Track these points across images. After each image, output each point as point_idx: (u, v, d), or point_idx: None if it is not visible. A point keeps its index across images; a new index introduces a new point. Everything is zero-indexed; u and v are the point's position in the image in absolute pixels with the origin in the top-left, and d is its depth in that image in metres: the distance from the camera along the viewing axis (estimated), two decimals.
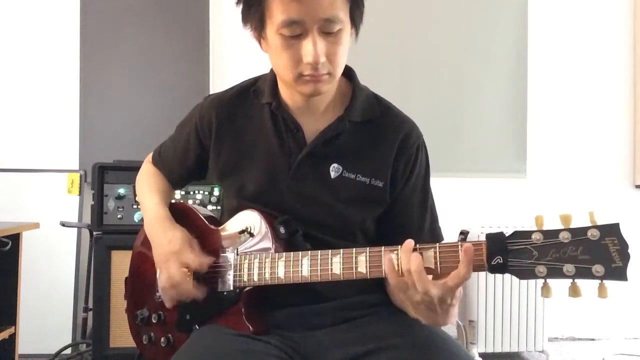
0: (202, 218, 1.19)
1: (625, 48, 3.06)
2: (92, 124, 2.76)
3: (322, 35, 0.97)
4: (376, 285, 1.13)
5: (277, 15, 0.96)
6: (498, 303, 2.52)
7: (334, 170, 1.09)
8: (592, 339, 2.99)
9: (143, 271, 1.21)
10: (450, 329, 2.64)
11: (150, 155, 1.34)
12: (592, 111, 3.04)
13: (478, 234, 2.48)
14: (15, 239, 2.12)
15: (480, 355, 2.51)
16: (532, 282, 2.50)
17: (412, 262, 0.86)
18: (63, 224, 2.40)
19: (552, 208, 2.96)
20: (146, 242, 1.19)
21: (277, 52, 1.01)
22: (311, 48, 0.97)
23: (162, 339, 1.14)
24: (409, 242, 0.89)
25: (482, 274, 2.51)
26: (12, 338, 2.13)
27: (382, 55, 2.87)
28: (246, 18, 1.04)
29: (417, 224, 1.14)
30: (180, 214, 1.20)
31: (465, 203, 2.87)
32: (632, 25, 3.06)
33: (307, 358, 1.03)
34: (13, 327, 2.13)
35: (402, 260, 0.88)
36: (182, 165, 1.24)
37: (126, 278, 1.26)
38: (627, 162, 3.06)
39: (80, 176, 2.74)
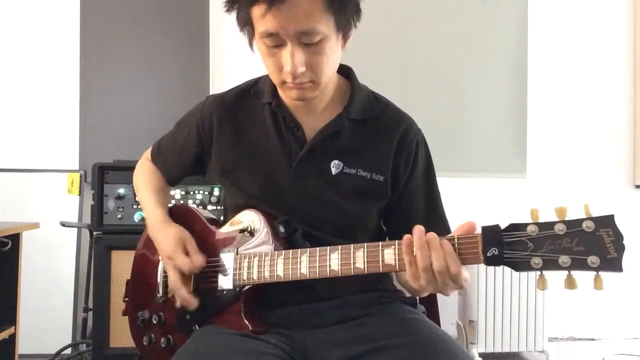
0: (203, 219, 1.20)
1: (625, 48, 3.06)
2: (92, 124, 2.76)
3: (301, 45, 0.97)
4: (376, 284, 1.14)
5: (257, 26, 0.98)
6: (498, 303, 2.52)
7: (335, 166, 1.10)
8: (592, 339, 2.99)
9: (145, 273, 1.22)
10: (450, 329, 2.65)
11: (148, 151, 1.35)
12: (592, 111, 3.04)
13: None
14: (15, 239, 2.11)
15: (480, 355, 2.51)
16: (531, 281, 2.51)
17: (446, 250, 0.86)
18: (63, 224, 2.40)
19: (552, 208, 2.99)
20: (147, 244, 1.21)
21: (263, 58, 1.04)
22: (289, 59, 0.97)
23: (162, 340, 1.15)
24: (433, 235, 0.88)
25: (483, 274, 2.52)
26: (12, 338, 2.13)
27: (382, 55, 2.88)
28: (238, 24, 1.06)
29: (424, 219, 1.13)
30: (181, 217, 1.21)
31: (465, 203, 2.87)
32: (632, 25, 3.06)
33: (307, 357, 1.03)
34: (13, 327, 2.12)
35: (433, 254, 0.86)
36: (180, 163, 1.25)
37: (127, 280, 1.27)
38: (627, 162, 3.05)
39: (80, 176, 2.75)
